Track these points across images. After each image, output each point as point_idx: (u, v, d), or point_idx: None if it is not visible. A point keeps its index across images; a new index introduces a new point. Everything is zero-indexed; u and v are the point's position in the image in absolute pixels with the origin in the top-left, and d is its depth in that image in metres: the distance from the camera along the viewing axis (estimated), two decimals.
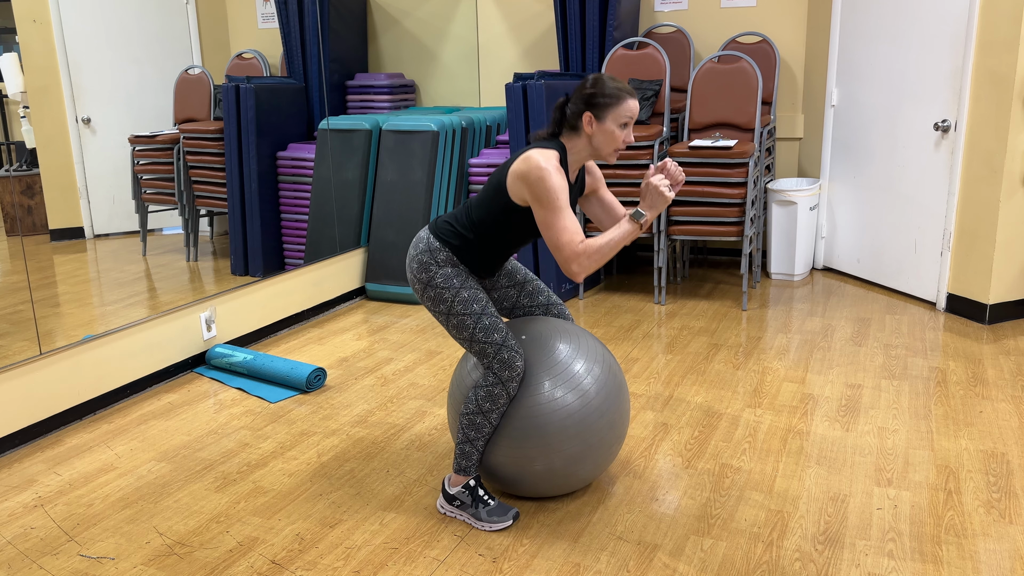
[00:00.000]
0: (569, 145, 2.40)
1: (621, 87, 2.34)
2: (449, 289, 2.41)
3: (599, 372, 2.50)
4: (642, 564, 2.30)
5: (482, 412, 2.42)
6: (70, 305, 3.38)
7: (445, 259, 2.43)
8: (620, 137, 2.36)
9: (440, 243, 2.44)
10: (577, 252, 2.28)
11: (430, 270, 2.43)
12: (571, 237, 2.28)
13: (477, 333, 2.40)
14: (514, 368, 2.39)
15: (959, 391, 3.38)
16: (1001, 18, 3.88)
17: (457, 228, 2.45)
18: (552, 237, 2.30)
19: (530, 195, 2.30)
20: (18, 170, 3.22)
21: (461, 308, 2.41)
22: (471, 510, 2.50)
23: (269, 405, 3.47)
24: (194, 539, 2.49)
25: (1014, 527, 2.43)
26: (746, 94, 4.65)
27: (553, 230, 2.29)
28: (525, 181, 2.30)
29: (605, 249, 2.29)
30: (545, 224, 2.30)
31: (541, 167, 2.27)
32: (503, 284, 2.68)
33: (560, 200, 2.27)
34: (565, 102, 2.40)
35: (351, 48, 5.62)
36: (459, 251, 2.44)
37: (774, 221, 5.00)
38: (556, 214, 2.28)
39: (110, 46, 3.54)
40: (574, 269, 2.29)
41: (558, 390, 2.43)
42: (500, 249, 2.48)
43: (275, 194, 4.56)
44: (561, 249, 2.29)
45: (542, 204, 2.29)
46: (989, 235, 4.05)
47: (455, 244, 2.44)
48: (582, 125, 2.36)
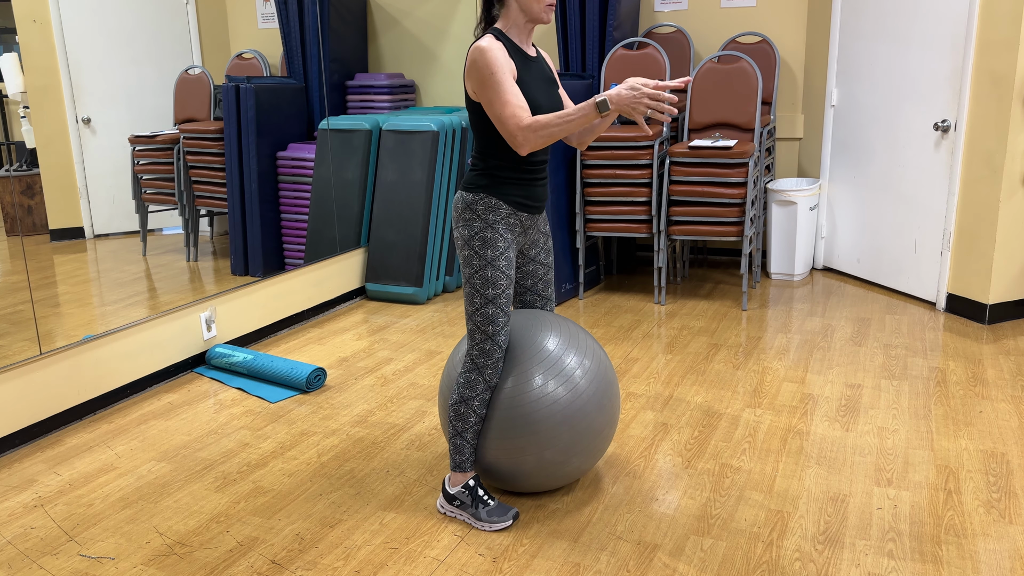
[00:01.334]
0: (503, 23, 2.38)
1: None
2: (480, 258, 2.39)
3: (590, 366, 2.51)
4: (642, 564, 2.30)
5: (464, 400, 2.44)
6: (70, 305, 3.38)
7: (485, 208, 2.39)
8: None
9: (472, 193, 2.41)
10: (522, 126, 2.22)
11: (472, 226, 2.40)
12: (514, 110, 2.22)
13: (476, 316, 2.41)
14: (491, 358, 2.41)
15: (959, 391, 3.38)
16: (1001, 18, 3.88)
17: (476, 169, 2.42)
18: (495, 112, 2.24)
19: (476, 85, 2.27)
20: (18, 170, 3.22)
21: (480, 283, 2.40)
22: (471, 510, 2.50)
23: (269, 405, 3.47)
24: (194, 539, 2.50)
25: (1014, 527, 2.43)
26: (746, 94, 4.65)
27: (495, 105, 2.24)
28: (470, 73, 2.28)
29: (554, 125, 2.21)
30: (488, 103, 2.25)
31: (478, 47, 2.26)
32: (542, 258, 2.63)
33: (497, 73, 2.23)
34: None
35: (351, 48, 5.62)
36: (490, 188, 2.39)
37: (774, 221, 5.00)
38: (496, 88, 2.23)
39: (110, 46, 3.54)
40: (519, 140, 2.23)
41: (549, 384, 2.44)
42: (519, 159, 2.40)
43: (275, 194, 4.56)
44: (504, 122, 2.23)
45: (483, 84, 2.25)
46: (989, 235, 4.05)
47: (484, 183, 2.40)
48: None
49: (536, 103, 2.36)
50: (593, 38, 4.90)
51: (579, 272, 4.80)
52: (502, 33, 2.36)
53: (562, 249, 4.70)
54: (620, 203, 4.66)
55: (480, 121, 2.38)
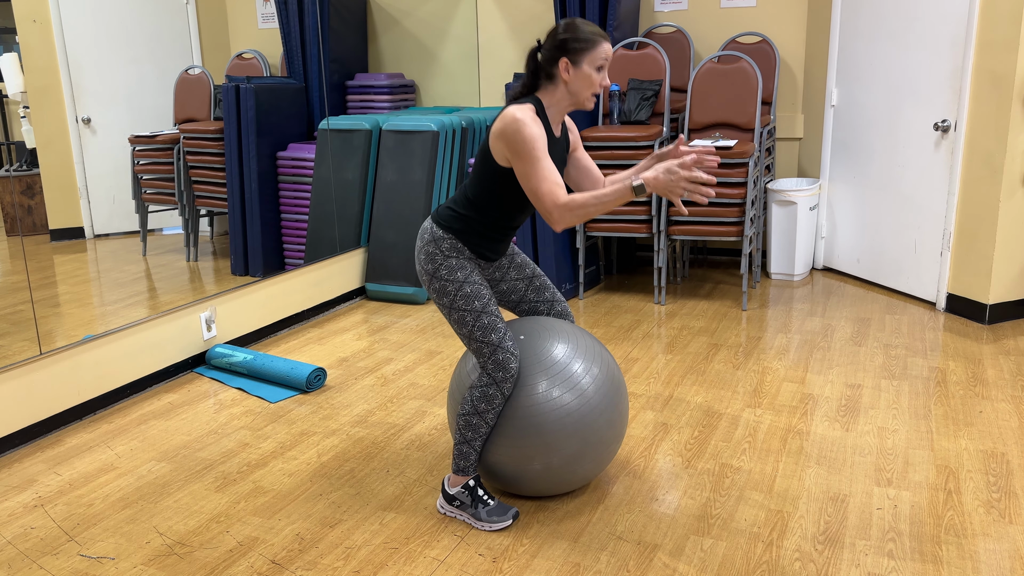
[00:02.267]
0: (546, 97, 2.38)
1: (595, 30, 2.32)
2: (452, 282, 2.40)
3: (597, 372, 2.50)
4: (642, 564, 2.30)
5: (478, 412, 2.42)
6: (70, 305, 3.38)
7: (450, 247, 2.42)
8: (597, 80, 2.33)
9: (443, 230, 2.43)
10: (559, 204, 2.23)
11: (435, 260, 2.42)
12: (551, 187, 2.23)
13: (475, 331, 2.40)
14: (508, 370, 2.39)
15: (959, 391, 3.38)
16: (1001, 18, 3.88)
17: (457, 211, 2.44)
18: (531, 187, 2.25)
19: (509, 151, 2.28)
20: (18, 170, 3.22)
21: (463, 303, 2.40)
22: (471, 510, 2.50)
23: (269, 405, 3.47)
24: (194, 539, 2.50)
25: (1014, 527, 2.43)
26: (746, 94, 4.65)
27: (532, 179, 2.25)
28: (503, 137, 2.28)
29: (591, 204, 2.21)
30: (524, 175, 2.26)
31: (516, 119, 2.25)
32: (512, 276, 2.66)
33: (537, 149, 2.24)
34: (537, 50, 2.37)
35: (351, 48, 5.62)
36: (462, 234, 2.42)
37: (774, 221, 5.00)
38: (534, 164, 2.24)
39: (110, 46, 3.54)
40: (555, 217, 2.24)
41: (556, 390, 2.43)
42: (501, 223, 2.45)
43: (275, 194, 4.56)
44: (541, 198, 2.24)
45: (520, 156, 2.25)
46: (989, 235, 4.05)
47: (457, 228, 2.42)
48: (558, 72, 2.33)
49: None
50: None
51: (579, 272, 4.81)
52: (542, 109, 2.37)
53: (562, 249, 4.70)
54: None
55: (486, 175, 2.38)
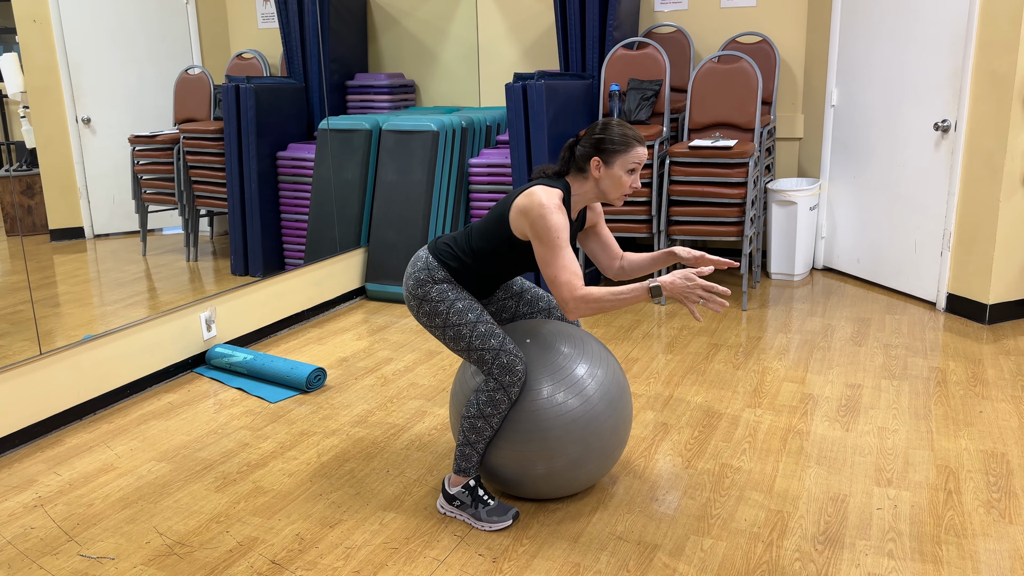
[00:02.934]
0: (574, 185, 2.43)
1: (630, 134, 2.37)
2: (443, 302, 2.42)
3: (601, 375, 2.50)
4: (642, 564, 2.30)
5: (483, 416, 2.42)
6: (70, 305, 3.38)
7: (442, 278, 2.45)
8: (627, 183, 2.39)
9: (438, 263, 2.46)
10: (576, 295, 2.28)
11: (425, 286, 2.44)
12: (569, 277, 2.29)
13: (474, 341, 2.40)
14: (515, 372, 2.39)
15: (959, 391, 3.38)
16: (1001, 18, 3.88)
17: (456, 252, 2.46)
18: (551, 274, 2.31)
19: (531, 231, 2.32)
20: (18, 170, 3.22)
21: (456, 319, 2.41)
22: (471, 510, 2.50)
23: (269, 405, 3.47)
24: (194, 539, 2.50)
25: (1014, 527, 2.43)
26: (746, 94, 4.65)
27: (552, 267, 2.30)
28: (527, 216, 2.31)
29: (606, 300, 2.27)
30: (544, 261, 2.31)
31: (543, 204, 2.29)
32: (500, 296, 2.70)
33: (560, 239, 2.29)
34: (575, 143, 2.43)
35: (351, 48, 5.62)
36: (456, 273, 2.46)
37: (774, 221, 5.00)
38: (555, 252, 2.29)
39: (110, 46, 3.54)
40: (570, 307, 2.30)
41: (560, 393, 2.42)
42: (497, 277, 2.50)
43: (275, 194, 4.56)
44: (560, 288, 2.29)
45: (542, 241, 2.30)
46: (989, 235, 4.05)
47: (453, 266, 2.46)
48: (590, 168, 2.39)
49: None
50: (593, 38, 4.90)
51: None
52: (569, 197, 2.41)
53: None
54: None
55: (497, 238, 2.41)
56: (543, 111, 4.41)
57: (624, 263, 2.67)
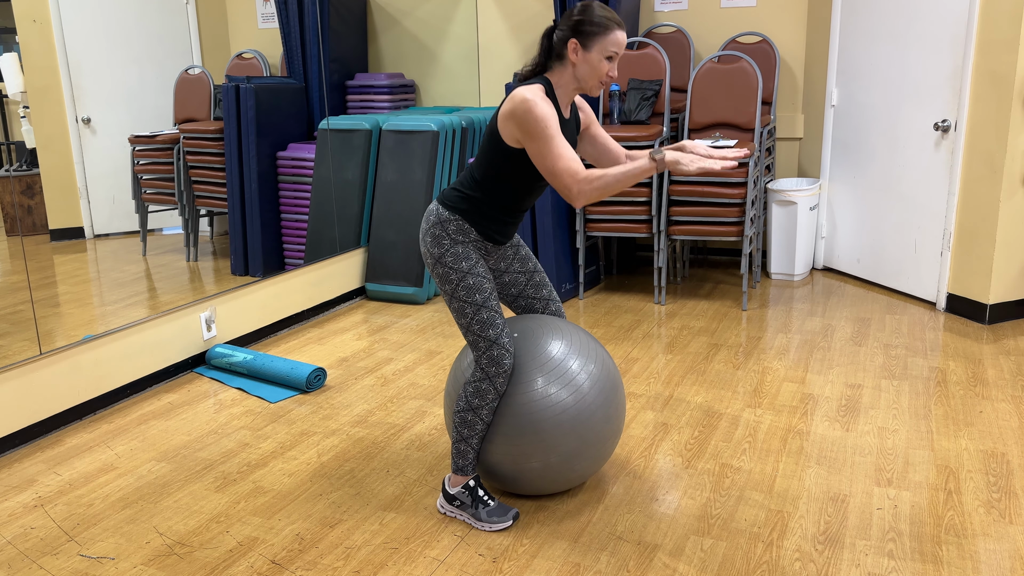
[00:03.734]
0: (555, 79, 2.36)
1: (610, 16, 2.30)
2: (456, 271, 2.39)
3: (593, 368, 2.50)
4: (642, 564, 2.30)
5: (472, 408, 2.42)
6: (70, 305, 3.38)
7: (456, 229, 2.39)
8: (604, 69, 2.32)
9: (449, 212, 2.40)
10: (578, 178, 2.20)
11: (442, 244, 2.39)
12: (567, 164, 2.21)
13: (474, 324, 2.40)
14: (501, 365, 2.39)
15: (959, 391, 3.38)
16: (1001, 18, 3.88)
17: (464, 192, 2.41)
18: (548, 166, 2.24)
19: (520, 132, 2.26)
20: (18, 170, 3.22)
21: (464, 295, 2.39)
22: (471, 510, 2.50)
23: (269, 405, 3.47)
24: (194, 539, 2.50)
25: (1014, 527, 2.43)
26: (746, 94, 4.65)
27: (548, 158, 2.23)
28: (514, 118, 2.26)
29: (610, 177, 2.19)
30: (539, 155, 2.25)
31: (526, 99, 2.24)
32: (516, 268, 2.64)
33: (550, 128, 2.22)
34: (553, 29, 2.36)
35: (351, 48, 5.62)
36: (469, 215, 2.40)
37: (774, 221, 5.00)
38: (547, 142, 2.22)
39: (110, 46, 3.54)
40: (574, 193, 2.21)
41: (552, 387, 2.43)
42: (509, 204, 2.42)
43: (275, 194, 4.56)
44: (559, 176, 2.22)
45: (532, 136, 2.24)
46: (989, 235, 4.05)
47: (464, 208, 2.40)
48: (567, 53, 2.32)
49: None
50: None
51: (579, 272, 4.80)
52: (551, 90, 2.35)
53: (562, 249, 4.70)
54: (620, 203, 4.66)
55: (494, 156, 2.36)
56: None
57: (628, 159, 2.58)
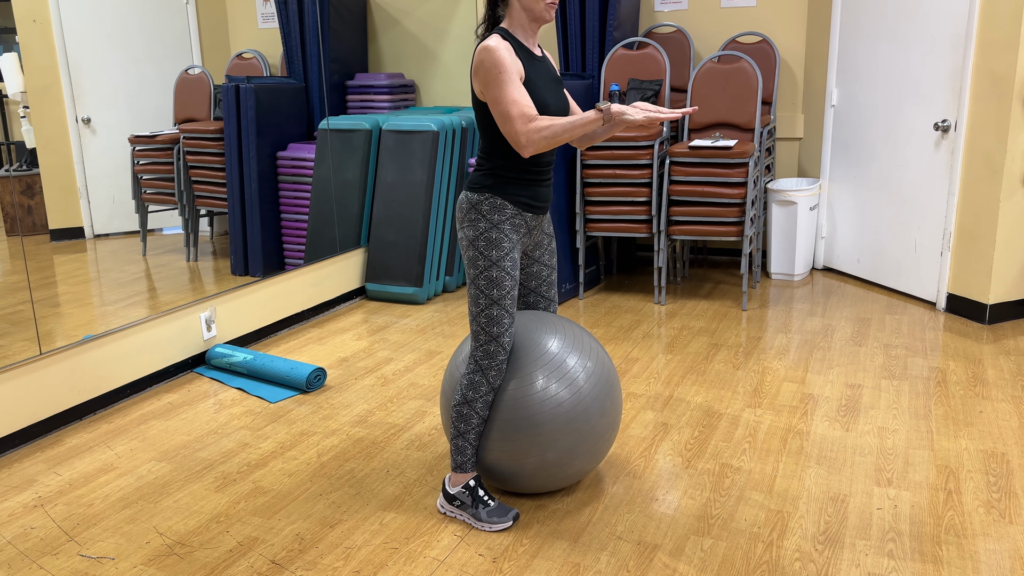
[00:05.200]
0: (508, 23, 2.38)
1: None
2: (485, 259, 2.39)
3: (589, 364, 2.51)
4: (642, 564, 2.30)
5: (466, 401, 2.44)
6: (70, 305, 3.38)
7: (490, 208, 2.39)
8: None
9: (477, 193, 2.41)
10: (529, 127, 2.23)
11: (478, 227, 2.39)
12: (521, 109, 2.23)
13: (481, 317, 2.41)
14: (495, 360, 2.41)
15: (959, 391, 3.38)
16: (1001, 18, 3.88)
17: (481, 169, 2.42)
18: (502, 110, 2.25)
19: (482, 83, 2.28)
20: (18, 170, 3.22)
21: (484, 284, 2.40)
22: (471, 510, 2.50)
23: (269, 405, 3.47)
24: (194, 539, 2.50)
25: (1014, 527, 2.43)
26: (746, 94, 4.65)
27: (502, 103, 2.25)
28: (480, 73, 2.28)
29: (557, 126, 2.22)
30: (495, 101, 2.26)
31: (485, 47, 2.26)
32: (545, 261, 2.63)
33: (504, 73, 2.24)
34: None
35: (351, 48, 5.62)
36: (497, 188, 2.39)
37: (774, 221, 5.00)
38: (502, 87, 2.24)
39: (110, 46, 3.54)
40: (522, 141, 2.24)
41: (552, 384, 2.43)
42: (528, 162, 2.41)
43: (275, 194, 4.56)
44: (512, 121, 2.24)
45: (488, 83, 2.26)
46: (989, 235, 4.05)
47: (489, 184, 2.40)
48: None
49: (544, 103, 2.36)
50: (593, 38, 4.90)
51: (579, 272, 4.80)
52: (508, 33, 2.36)
53: (562, 249, 4.70)
54: (620, 203, 4.66)
55: (487, 121, 2.37)
56: None
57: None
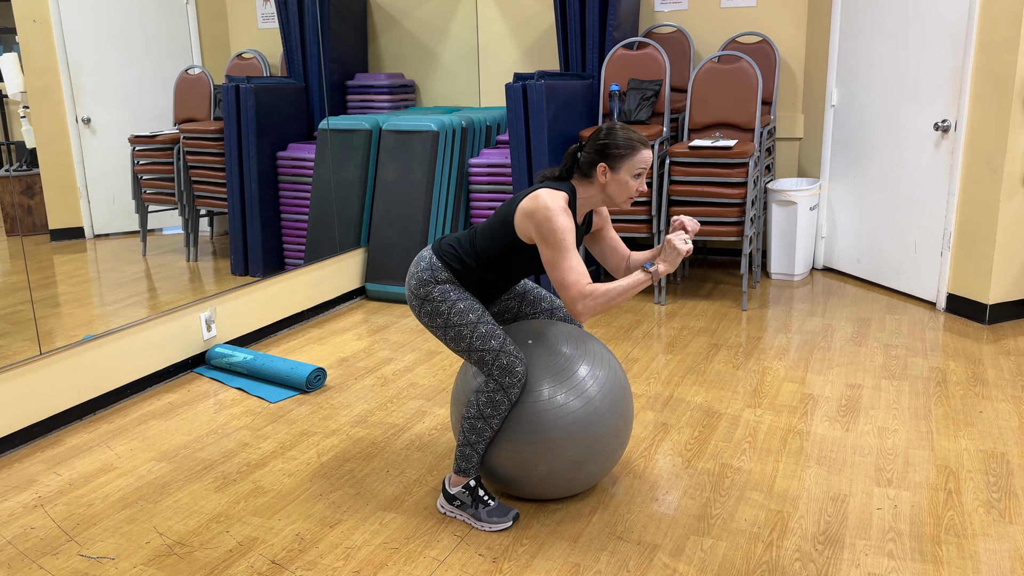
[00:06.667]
0: (580, 189, 2.43)
1: (635, 138, 2.37)
2: (445, 302, 2.43)
3: (603, 377, 2.49)
4: (642, 564, 2.30)
5: (483, 417, 2.42)
6: (70, 305, 3.38)
7: (446, 279, 2.45)
8: (634, 187, 2.40)
9: (442, 264, 2.46)
10: (584, 293, 2.30)
11: (428, 286, 2.44)
12: (577, 277, 2.31)
13: (475, 342, 2.40)
14: (515, 374, 2.39)
15: (959, 391, 3.38)
16: (1001, 18, 3.88)
17: (460, 254, 2.46)
18: (558, 276, 2.32)
19: (536, 234, 2.33)
20: (18, 170, 3.22)
21: (457, 319, 2.41)
22: (471, 510, 2.50)
23: (269, 405, 3.47)
24: (194, 539, 2.50)
25: (1014, 527, 2.43)
26: (746, 94, 4.65)
27: (559, 270, 2.31)
28: (532, 220, 2.33)
29: (613, 293, 2.31)
30: (551, 263, 2.33)
31: (549, 207, 2.30)
32: (503, 297, 2.69)
33: (567, 240, 2.30)
34: (578, 149, 2.44)
35: (351, 48, 5.62)
36: (460, 275, 2.46)
37: (774, 221, 5.00)
38: (562, 254, 2.30)
39: (110, 46, 3.54)
40: (579, 309, 2.32)
41: (561, 394, 2.42)
42: (501, 280, 2.50)
43: (275, 194, 4.56)
44: (568, 288, 2.31)
45: (548, 244, 2.32)
46: (989, 235, 4.05)
47: (457, 268, 2.45)
48: (596, 174, 2.39)
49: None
50: (593, 38, 4.90)
51: None
52: (574, 201, 2.42)
53: None
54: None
55: (502, 241, 2.41)
56: (543, 111, 4.42)
57: (631, 261, 2.68)
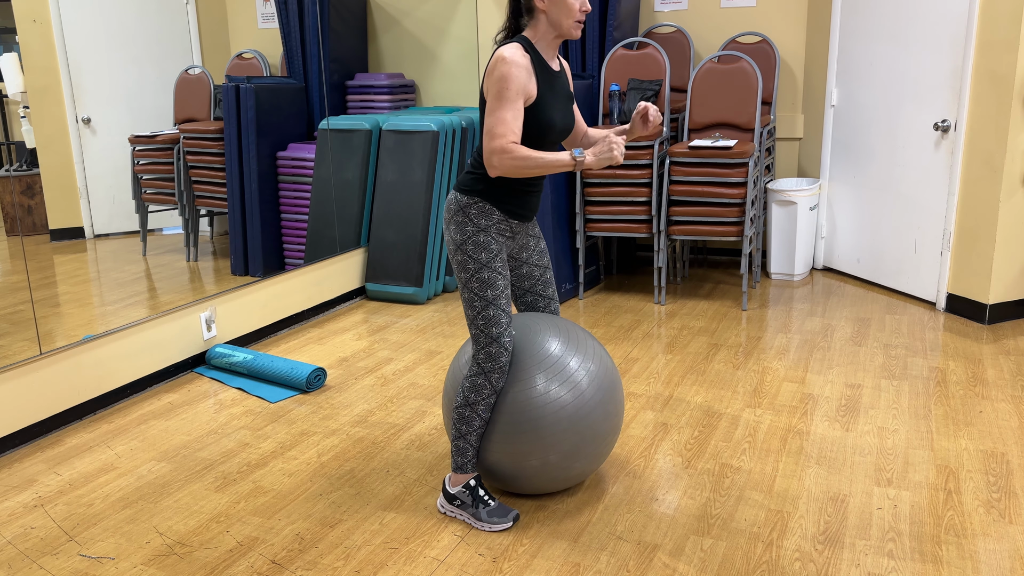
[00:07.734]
0: (531, 33, 2.37)
1: None
2: (475, 262, 2.39)
3: (591, 366, 2.50)
4: (642, 564, 2.30)
5: (468, 404, 2.43)
6: (70, 305, 3.38)
7: (478, 212, 2.39)
8: (576, 6, 2.32)
9: (467, 196, 2.40)
10: (505, 148, 2.25)
11: (464, 231, 2.39)
12: (505, 131, 2.25)
13: (479, 319, 2.41)
14: (497, 362, 2.40)
15: (959, 391, 3.38)
16: (1001, 18, 3.88)
17: (475, 172, 2.42)
18: (491, 123, 2.26)
19: (488, 90, 2.28)
20: (18, 170, 3.22)
21: (476, 287, 2.40)
22: (471, 510, 2.50)
23: (269, 405, 3.47)
24: (194, 539, 2.50)
25: (1014, 527, 2.43)
26: (746, 94, 4.65)
27: (494, 117, 2.26)
28: (491, 77, 2.28)
29: (531, 162, 2.25)
30: (490, 110, 2.27)
31: (503, 57, 2.26)
32: (535, 260, 2.64)
33: (510, 89, 2.24)
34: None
35: (351, 48, 5.62)
36: (487, 194, 2.40)
37: (774, 221, 5.00)
38: (503, 104, 2.25)
39: (110, 46, 3.54)
40: (495, 162, 2.26)
41: (551, 385, 2.43)
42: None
43: (275, 194, 4.56)
44: (494, 138, 2.25)
45: (491, 93, 2.26)
46: (989, 235, 4.05)
47: (480, 188, 2.39)
48: (535, 4, 2.33)
49: (550, 121, 2.37)
50: (593, 38, 4.90)
51: (579, 272, 4.80)
52: (531, 45, 2.35)
53: (562, 249, 4.70)
54: (620, 203, 4.66)
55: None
56: None
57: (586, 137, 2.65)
